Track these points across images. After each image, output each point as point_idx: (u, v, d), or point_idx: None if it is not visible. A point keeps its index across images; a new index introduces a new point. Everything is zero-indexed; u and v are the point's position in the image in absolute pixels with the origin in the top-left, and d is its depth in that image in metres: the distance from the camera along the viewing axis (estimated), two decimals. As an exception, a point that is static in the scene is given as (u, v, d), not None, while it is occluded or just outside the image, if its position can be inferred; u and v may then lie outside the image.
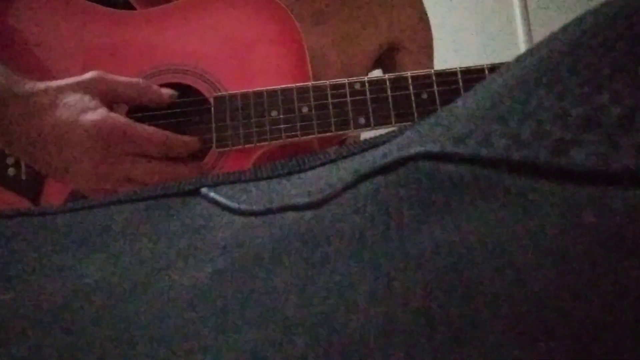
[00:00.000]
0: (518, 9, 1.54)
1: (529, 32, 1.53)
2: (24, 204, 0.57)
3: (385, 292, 0.11)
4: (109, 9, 0.62)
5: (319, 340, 0.10)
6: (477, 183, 0.12)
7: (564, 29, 0.15)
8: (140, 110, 0.57)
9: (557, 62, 0.13)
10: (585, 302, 0.08)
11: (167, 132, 0.54)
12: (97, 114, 0.51)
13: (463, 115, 0.14)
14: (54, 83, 0.52)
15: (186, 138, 0.55)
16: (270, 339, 0.11)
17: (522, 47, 1.52)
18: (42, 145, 0.52)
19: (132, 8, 0.66)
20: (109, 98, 0.54)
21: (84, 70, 0.59)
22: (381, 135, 0.20)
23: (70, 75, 0.55)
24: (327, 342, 0.10)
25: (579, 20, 0.15)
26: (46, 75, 0.59)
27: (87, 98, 0.52)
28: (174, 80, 0.58)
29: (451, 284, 0.10)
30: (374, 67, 0.71)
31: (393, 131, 0.20)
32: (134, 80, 0.55)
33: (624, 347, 0.08)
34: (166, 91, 0.56)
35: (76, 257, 0.18)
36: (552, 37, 0.15)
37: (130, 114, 0.57)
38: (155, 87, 0.56)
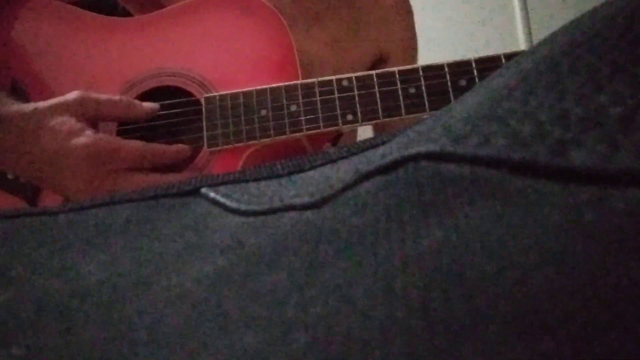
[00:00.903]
0: (518, 9, 1.54)
1: (529, 32, 1.53)
2: (22, 205, 0.58)
3: (385, 292, 0.11)
4: (105, 16, 0.63)
5: (319, 340, 0.10)
6: (477, 183, 0.12)
7: (564, 29, 0.15)
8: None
9: (557, 62, 0.13)
10: (586, 302, 0.08)
11: (155, 145, 0.54)
12: (84, 136, 0.51)
13: (463, 115, 0.14)
14: (40, 105, 0.53)
15: (175, 147, 0.55)
16: (270, 339, 0.11)
17: (522, 47, 1.52)
18: (34, 168, 0.53)
19: (131, 14, 0.66)
20: (94, 118, 0.54)
21: (81, 78, 0.59)
22: (381, 136, 0.20)
23: (68, 84, 0.56)
24: (327, 342, 0.10)
25: (579, 20, 0.15)
26: (45, 83, 0.60)
27: (72, 120, 0.52)
28: (166, 84, 0.59)
29: (451, 284, 0.10)
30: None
31: (393, 131, 0.20)
32: (116, 98, 0.55)
33: (624, 347, 0.08)
34: (148, 105, 0.56)
35: (76, 257, 0.18)
36: (552, 37, 0.15)
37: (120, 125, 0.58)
38: (137, 103, 0.56)
